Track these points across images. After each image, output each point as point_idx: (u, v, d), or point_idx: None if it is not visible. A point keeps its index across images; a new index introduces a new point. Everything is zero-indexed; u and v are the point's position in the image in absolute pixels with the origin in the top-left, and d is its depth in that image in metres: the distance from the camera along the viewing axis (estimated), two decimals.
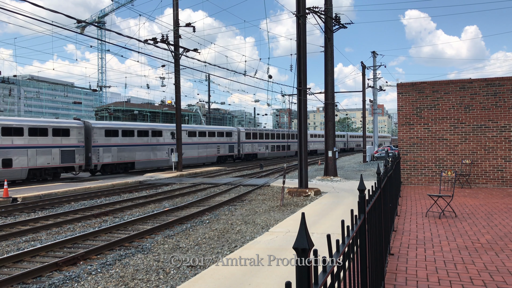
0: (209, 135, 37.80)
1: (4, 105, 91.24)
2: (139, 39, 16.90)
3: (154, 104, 77.59)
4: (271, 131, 51.80)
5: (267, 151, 49.56)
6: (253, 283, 5.32)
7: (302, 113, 16.17)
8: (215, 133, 38.83)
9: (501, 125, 14.62)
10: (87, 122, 27.06)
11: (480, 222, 8.42)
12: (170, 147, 32.67)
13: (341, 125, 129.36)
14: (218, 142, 39.11)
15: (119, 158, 28.47)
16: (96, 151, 26.88)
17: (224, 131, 40.40)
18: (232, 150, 41.65)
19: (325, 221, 9.45)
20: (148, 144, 30.90)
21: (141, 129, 30.55)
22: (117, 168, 28.65)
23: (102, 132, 27.32)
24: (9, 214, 13.41)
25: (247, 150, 44.99)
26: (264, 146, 48.82)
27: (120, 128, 28.76)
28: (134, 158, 29.61)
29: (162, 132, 32.23)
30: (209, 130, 38.00)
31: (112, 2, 64.64)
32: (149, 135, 30.97)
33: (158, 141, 31.83)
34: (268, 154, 49.95)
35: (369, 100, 41.56)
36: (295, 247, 1.33)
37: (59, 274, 7.17)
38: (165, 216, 12.50)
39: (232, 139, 41.70)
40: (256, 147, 47.12)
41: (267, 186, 19.27)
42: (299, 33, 16.19)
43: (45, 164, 23.83)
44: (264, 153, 48.90)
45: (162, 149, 32.09)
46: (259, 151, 47.66)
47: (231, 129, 42.63)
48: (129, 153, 29.24)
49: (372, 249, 3.29)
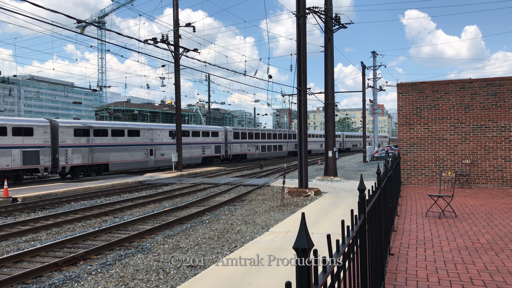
0: (193, 135, 35.93)
1: (4, 105, 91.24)
2: (139, 39, 16.91)
3: (154, 104, 77.61)
4: (262, 130, 49.92)
5: (257, 151, 47.60)
6: (253, 283, 5.32)
7: (302, 113, 16.17)
8: (200, 132, 36.98)
9: (501, 125, 14.61)
10: (54, 121, 25.21)
11: (480, 222, 8.42)
12: (149, 148, 30.88)
13: (341, 125, 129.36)
14: (203, 143, 37.24)
15: (90, 159, 26.52)
16: (64, 152, 24.90)
17: (210, 131, 38.51)
18: (218, 150, 39.70)
19: (325, 221, 9.45)
20: (124, 144, 28.92)
21: (116, 128, 28.62)
22: (89, 170, 26.80)
23: (70, 132, 25.48)
24: (9, 214, 13.41)
25: (235, 150, 43.10)
26: (254, 146, 46.80)
27: (91, 127, 26.96)
28: (108, 159, 27.68)
29: (139, 131, 30.33)
30: (193, 130, 36.05)
31: (112, 2, 64.66)
32: (125, 134, 29.03)
33: (135, 141, 29.84)
34: (258, 154, 48.09)
35: (369, 100, 41.57)
36: (295, 247, 1.33)
37: (59, 274, 7.17)
38: (165, 216, 12.50)
39: (218, 139, 39.73)
40: (245, 147, 45.19)
41: (267, 186, 19.27)
42: (299, 33, 16.19)
43: (3, 166, 22.00)
44: (254, 154, 47.01)
45: (140, 149, 30.25)
46: (248, 152, 45.75)
47: (218, 128, 40.65)
48: (102, 154, 27.32)
49: (372, 249, 3.29)
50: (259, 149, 48.06)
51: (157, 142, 31.91)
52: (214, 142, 39.10)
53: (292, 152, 56.16)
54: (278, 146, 52.29)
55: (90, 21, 65.17)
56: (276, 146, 51.81)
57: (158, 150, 31.91)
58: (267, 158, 50.60)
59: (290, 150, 55.51)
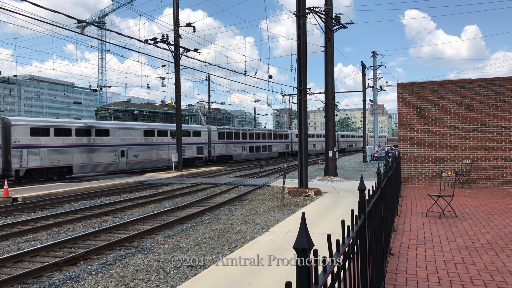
0: (171, 135, 33.59)
1: (5, 105, 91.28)
2: (140, 39, 16.91)
3: (154, 104, 77.66)
4: (249, 130, 47.01)
5: (244, 152, 45.01)
6: (253, 283, 5.32)
7: (302, 113, 16.17)
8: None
9: (501, 125, 14.61)
10: (6, 119, 22.96)
11: (480, 222, 8.42)
12: (120, 149, 28.35)
13: (341, 125, 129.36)
14: (184, 143, 34.38)
15: (50, 161, 23.94)
16: (18, 153, 22.53)
17: (191, 131, 36.08)
18: (201, 151, 37.19)
19: (325, 221, 9.45)
20: (90, 145, 26.41)
21: (81, 127, 26.16)
22: (49, 173, 24.27)
23: (26, 131, 23.07)
24: (10, 214, 13.41)
25: (220, 151, 40.67)
26: (241, 146, 44.30)
27: (51, 126, 24.38)
28: (71, 161, 25.18)
29: (108, 131, 27.79)
30: (171, 129, 33.62)
31: (112, 2, 64.67)
32: (91, 134, 26.52)
33: (103, 141, 27.27)
34: (245, 155, 45.54)
35: (369, 100, 41.56)
36: (295, 247, 1.33)
37: (59, 274, 7.18)
38: (165, 216, 12.50)
39: (201, 139, 37.21)
40: (231, 148, 42.75)
41: (267, 186, 19.27)
42: (299, 33, 16.19)
43: None
44: (240, 155, 44.45)
45: (109, 150, 27.63)
46: (234, 153, 43.36)
47: (200, 128, 38.20)
48: (65, 156, 24.77)
49: (372, 249, 3.29)
50: (247, 149, 45.65)
51: (130, 143, 29.41)
52: (196, 142, 36.73)
53: (282, 152, 54.25)
54: (267, 147, 50.03)
55: (90, 21, 65.18)
56: (265, 146, 49.53)
57: (131, 151, 29.36)
58: (255, 159, 48.19)
59: (281, 150, 53.63)
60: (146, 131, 30.96)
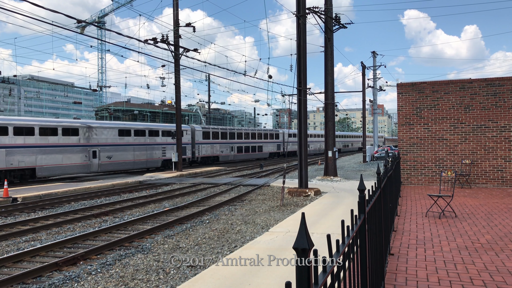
0: (151, 135, 31.24)
1: (4, 105, 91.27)
2: (139, 39, 16.90)
3: (154, 104, 77.66)
4: (238, 130, 44.51)
5: (232, 153, 42.55)
6: (253, 283, 5.32)
7: (302, 113, 16.17)
8: (159, 132, 32.27)
9: (501, 125, 14.61)
10: None
11: (480, 222, 8.42)
12: (91, 149, 26.21)
13: (341, 125, 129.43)
14: (164, 143, 32.52)
15: (9, 163, 21.97)
16: None
17: (172, 130, 33.75)
18: (184, 152, 34.57)
19: (325, 221, 9.45)
20: (57, 145, 24.15)
21: (45, 126, 23.86)
22: (8, 176, 22.13)
23: None
24: (9, 214, 13.41)
25: (205, 152, 38.21)
26: (228, 147, 41.87)
27: (10, 124, 22.23)
28: (34, 163, 23.05)
29: (78, 130, 25.53)
30: (150, 129, 31.42)
31: (112, 2, 64.68)
32: (58, 133, 24.24)
33: (72, 141, 25.05)
34: (233, 156, 43.03)
35: (369, 100, 41.57)
36: (295, 247, 1.33)
37: (59, 274, 7.17)
38: (165, 216, 12.50)
39: (184, 139, 34.61)
40: (218, 148, 40.28)
41: (267, 186, 19.27)
42: (299, 33, 16.19)
43: None
44: (228, 156, 41.91)
45: (79, 151, 25.42)
46: (221, 154, 40.85)
47: (183, 127, 35.35)
48: (27, 157, 22.77)
49: (372, 249, 3.29)
50: (235, 150, 43.13)
51: (103, 143, 27.12)
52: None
53: (274, 153, 51.89)
54: (257, 147, 47.34)
55: (90, 21, 65.18)
56: (255, 147, 46.82)
57: (104, 151, 27.08)
58: (244, 160, 45.76)
59: (272, 151, 51.23)
60: (122, 131, 28.68)
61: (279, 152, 53.03)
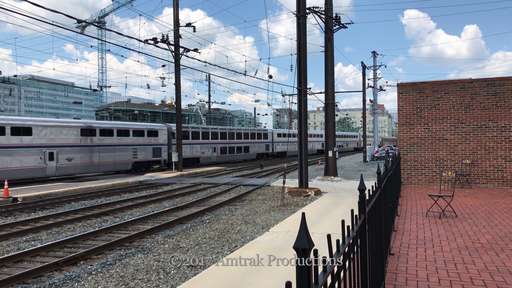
0: (119, 134, 28.22)
1: (5, 105, 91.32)
2: (140, 39, 16.90)
3: (154, 104, 77.69)
4: (222, 129, 41.21)
5: (214, 154, 39.40)
6: (253, 283, 5.32)
7: (302, 113, 16.17)
8: (130, 131, 29.18)
9: (501, 125, 14.61)
10: None
11: (481, 222, 8.42)
12: (48, 151, 23.45)
13: (341, 125, 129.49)
14: (135, 144, 29.39)
15: None
16: None
17: (145, 130, 30.73)
18: (158, 153, 31.80)
19: (326, 221, 9.45)
20: (5, 146, 21.80)
21: None
22: None
23: None
24: (10, 214, 13.41)
25: (183, 153, 34.58)
26: (210, 148, 38.67)
27: None
28: None
29: (31, 129, 22.96)
30: (118, 128, 28.28)
31: (112, 2, 64.69)
32: (5, 133, 21.77)
33: (23, 141, 22.51)
34: (216, 158, 39.78)
35: (369, 100, 41.56)
36: (295, 247, 1.33)
37: (59, 274, 7.18)
38: (165, 216, 12.50)
39: (158, 139, 31.91)
40: (198, 149, 37.01)
41: (267, 186, 19.27)
42: (299, 33, 16.19)
43: None
44: (209, 157, 38.71)
45: (32, 153, 22.82)
46: (202, 155, 37.67)
47: (157, 126, 32.44)
48: None
49: (372, 249, 3.29)
50: (217, 151, 40.02)
51: (62, 143, 24.26)
52: (152, 143, 31.37)
53: (261, 154, 48.80)
54: (243, 148, 44.30)
55: (90, 21, 65.19)
56: (240, 147, 43.78)
57: (63, 153, 24.30)
58: (228, 162, 42.44)
59: (260, 151, 48.10)
60: (84, 130, 25.85)
61: (268, 152, 50.52)
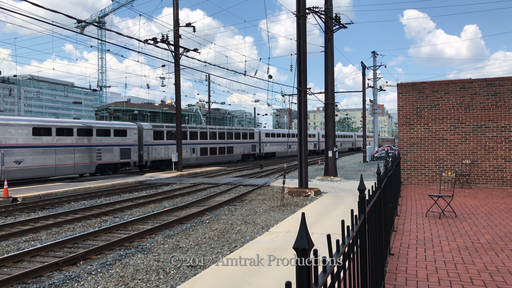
0: (80, 134, 25.62)
1: (4, 105, 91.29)
2: (139, 39, 16.89)
3: (154, 104, 77.64)
4: (202, 128, 37.95)
5: (193, 155, 36.22)
6: (253, 283, 5.32)
7: (302, 113, 16.17)
8: (93, 131, 26.58)
9: (501, 125, 14.61)
10: None
11: (480, 222, 8.42)
12: None
13: (341, 125, 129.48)
14: (99, 144, 26.89)
15: None
16: None
17: (111, 129, 27.94)
18: (127, 155, 29.10)
19: (325, 221, 9.45)
20: None
21: None
22: None
23: None
24: (9, 214, 13.41)
25: (158, 155, 31.95)
26: (188, 148, 35.41)
27: None
28: None
29: None
30: (79, 127, 25.71)
31: (112, 2, 64.69)
32: None
33: None
34: (195, 159, 36.58)
35: (369, 100, 41.56)
36: (295, 247, 1.32)
37: (59, 274, 7.17)
38: (165, 216, 12.50)
39: (127, 139, 29.11)
40: (174, 150, 33.12)
41: (267, 186, 19.27)
42: (299, 33, 16.19)
43: None
44: (188, 159, 35.49)
45: None
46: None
47: (126, 125, 29.49)
48: None
49: (372, 249, 3.29)
50: (197, 152, 36.75)
51: (10, 144, 21.84)
52: (121, 144, 28.65)
53: (247, 155, 45.81)
54: (227, 148, 41.31)
55: (90, 21, 65.18)
56: (223, 148, 40.75)
57: (11, 155, 21.84)
58: (209, 163, 39.13)
59: (245, 152, 45.21)
60: (37, 129, 23.16)
61: (254, 153, 47.50)
